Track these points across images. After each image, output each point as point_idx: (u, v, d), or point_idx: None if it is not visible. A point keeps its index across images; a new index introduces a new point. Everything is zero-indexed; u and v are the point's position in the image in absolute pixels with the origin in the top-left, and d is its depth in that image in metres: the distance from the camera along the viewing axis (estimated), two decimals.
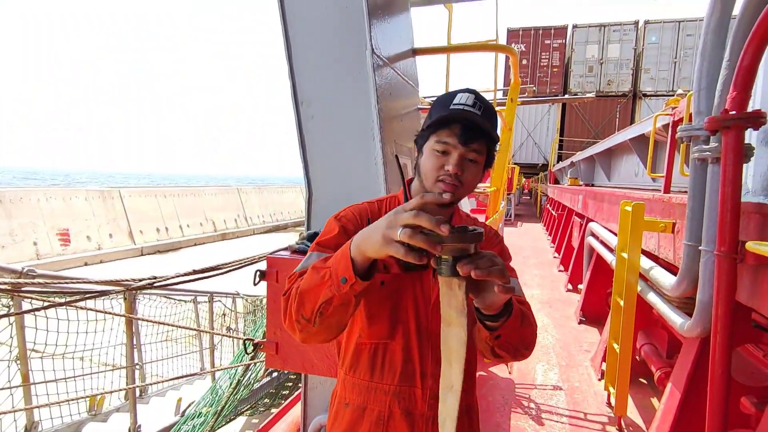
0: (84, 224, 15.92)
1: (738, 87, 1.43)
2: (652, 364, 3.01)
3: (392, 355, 1.01)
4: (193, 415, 3.10)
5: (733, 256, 1.46)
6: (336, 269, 0.83)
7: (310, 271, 0.88)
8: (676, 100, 2.88)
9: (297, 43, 1.73)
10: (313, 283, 0.86)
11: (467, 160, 0.96)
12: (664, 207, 2.48)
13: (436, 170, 0.96)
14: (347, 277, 0.81)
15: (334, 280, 0.83)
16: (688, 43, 16.89)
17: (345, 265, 0.82)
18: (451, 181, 0.96)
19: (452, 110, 0.94)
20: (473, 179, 0.99)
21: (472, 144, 0.95)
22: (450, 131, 0.95)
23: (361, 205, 1.08)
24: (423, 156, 1.00)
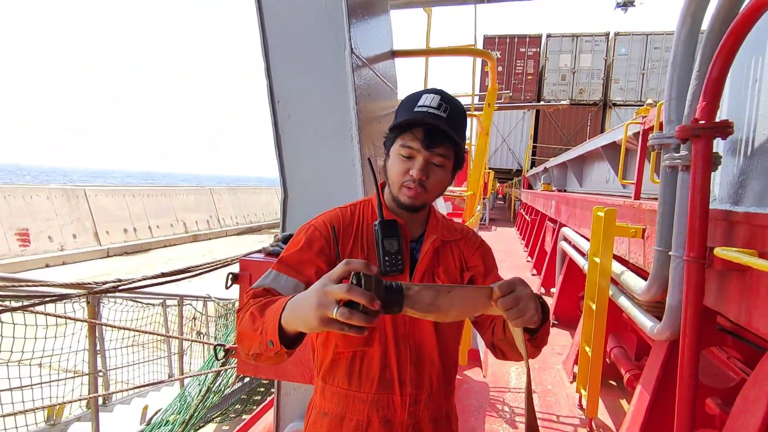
0: (46, 224, 15.24)
1: (707, 97, 1.47)
2: (621, 366, 3.08)
3: (370, 363, 0.98)
4: (160, 423, 2.98)
5: (702, 261, 1.50)
6: (266, 329, 0.79)
7: (248, 316, 0.83)
8: (647, 109, 2.97)
9: (274, 40, 1.68)
10: (248, 331, 0.83)
11: (432, 164, 0.95)
12: (634, 213, 2.54)
13: (401, 175, 0.95)
14: (273, 341, 0.77)
15: (263, 338, 0.79)
16: (654, 56, 17.58)
17: (273, 329, 0.77)
18: (415, 187, 0.94)
19: (415, 113, 0.92)
20: (439, 184, 0.98)
21: (436, 148, 0.93)
22: (413, 135, 0.93)
23: (333, 212, 1.05)
24: (389, 159, 0.99)
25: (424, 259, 1.01)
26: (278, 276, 0.95)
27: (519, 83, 18.81)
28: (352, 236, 1.01)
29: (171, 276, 1.71)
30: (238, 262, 1.49)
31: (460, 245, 1.09)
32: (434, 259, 1.03)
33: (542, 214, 7.77)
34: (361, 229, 1.03)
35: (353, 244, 1.01)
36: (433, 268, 1.03)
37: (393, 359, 0.98)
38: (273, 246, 1.55)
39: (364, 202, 1.09)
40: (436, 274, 1.02)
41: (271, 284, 0.94)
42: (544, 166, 9.73)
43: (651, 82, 17.54)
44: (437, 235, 1.04)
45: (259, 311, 0.83)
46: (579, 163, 6.58)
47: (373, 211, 1.04)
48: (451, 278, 1.03)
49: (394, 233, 0.98)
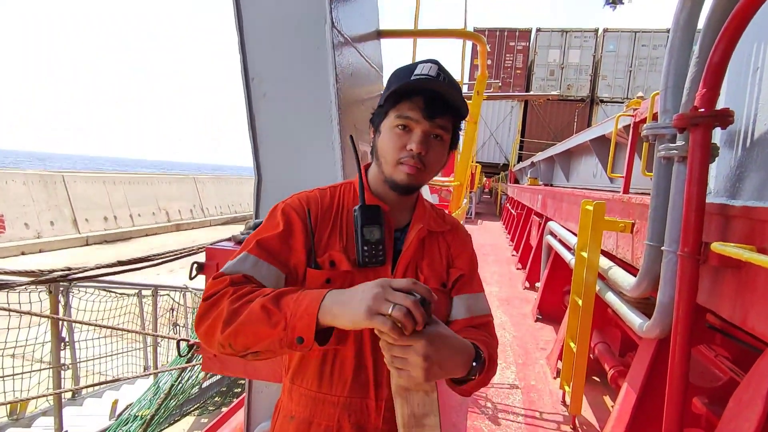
0: (21, 210, 14.75)
1: (707, 84, 1.39)
2: (605, 362, 3.05)
3: (343, 363, 0.88)
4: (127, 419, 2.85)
5: (697, 257, 1.43)
6: (294, 324, 0.70)
7: (259, 309, 0.73)
8: (638, 101, 2.91)
9: (249, 12, 1.55)
10: (259, 325, 0.72)
11: (432, 137, 0.85)
12: (623, 207, 2.48)
13: (397, 150, 0.85)
14: (305, 338, 0.70)
15: (290, 335, 0.70)
16: (642, 53, 17.70)
17: (307, 325, 0.70)
18: (414, 163, 0.84)
19: (414, 80, 0.82)
20: (438, 160, 0.88)
21: (438, 118, 0.83)
22: (412, 104, 0.83)
23: (310, 193, 0.94)
24: (380, 136, 0.88)
25: (408, 250, 0.91)
26: (258, 262, 0.83)
27: (508, 77, 18.79)
28: (330, 222, 0.91)
29: (129, 264, 1.58)
30: (204, 251, 1.38)
31: (448, 238, 0.99)
32: (419, 251, 0.94)
33: (528, 209, 7.75)
34: (340, 214, 0.92)
35: (331, 230, 0.90)
36: (417, 261, 0.93)
37: (369, 359, 0.88)
38: (243, 234, 1.43)
39: (345, 185, 0.98)
40: (420, 268, 0.93)
41: (250, 271, 0.82)
42: (531, 161, 9.71)
43: (638, 79, 17.68)
44: (424, 224, 0.94)
45: (273, 303, 0.73)
46: (566, 158, 6.56)
47: (355, 195, 0.93)
48: (435, 274, 0.94)
49: (376, 220, 0.87)
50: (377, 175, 0.92)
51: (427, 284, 0.91)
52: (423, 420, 0.73)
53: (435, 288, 0.93)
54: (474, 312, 0.96)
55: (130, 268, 1.57)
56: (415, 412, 0.74)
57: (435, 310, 0.91)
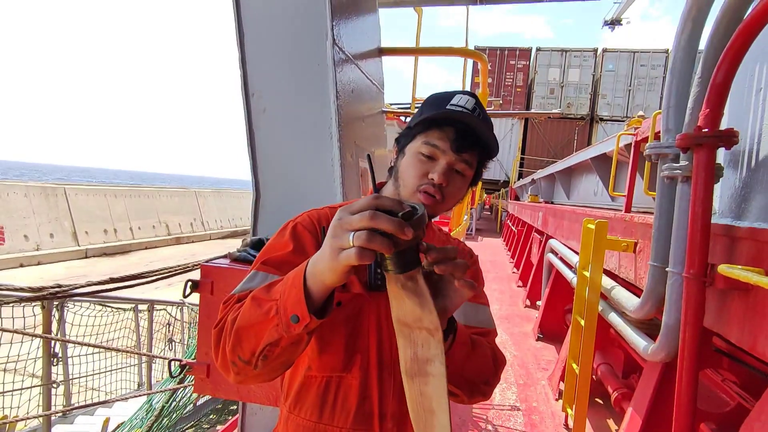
0: (21, 222, 14.74)
1: (711, 104, 1.38)
2: (608, 384, 2.98)
3: (347, 392, 0.83)
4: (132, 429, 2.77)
5: (702, 279, 1.40)
6: (285, 304, 0.64)
7: (250, 303, 0.68)
8: (639, 120, 2.90)
9: (250, 28, 1.55)
10: (254, 319, 0.67)
11: (454, 170, 0.83)
12: (626, 226, 2.46)
13: (419, 177, 0.82)
14: (299, 314, 0.63)
15: (282, 317, 0.64)
16: (641, 73, 17.90)
17: (296, 298, 0.63)
18: (434, 192, 0.81)
19: (448, 110, 0.81)
20: (456, 194, 0.86)
21: (465, 153, 0.82)
22: (443, 134, 0.81)
23: (321, 211, 0.90)
24: (404, 158, 0.86)
25: None
26: (267, 277, 0.78)
27: (508, 95, 18.97)
28: None
29: (121, 282, 1.54)
30: (199, 269, 1.35)
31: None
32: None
33: (529, 226, 7.72)
34: None
35: None
36: None
37: (374, 389, 0.83)
38: (240, 251, 1.40)
39: None
40: None
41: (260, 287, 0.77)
42: (531, 178, 9.72)
43: (637, 98, 17.84)
44: None
45: (264, 293, 0.68)
46: (567, 175, 6.55)
47: None
48: None
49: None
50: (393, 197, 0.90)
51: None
52: (426, 366, 0.63)
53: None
54: (470, 321, 0.91)
55: (122, 285, 1.54)
56: (418, 354, 0.64)
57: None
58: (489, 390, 0.86)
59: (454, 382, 0.77)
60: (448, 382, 0.66)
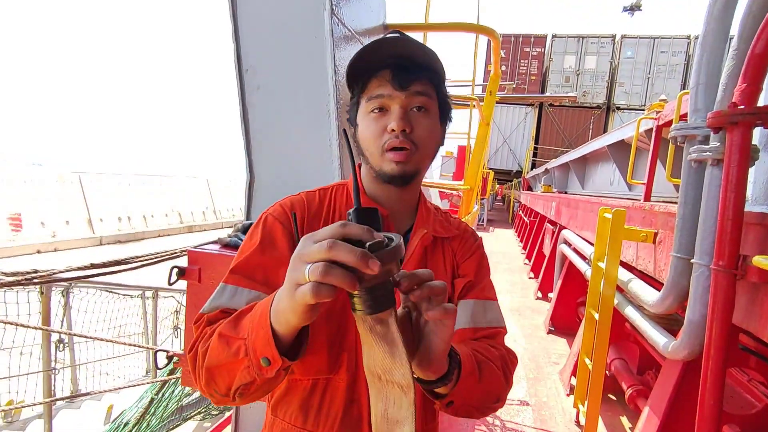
0: (38, 209, 14.98)
1: (748, 78, 1.25)
2: (622, 380, 2.87)
3: (333, 394, 0.74)
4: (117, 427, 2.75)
5: (733, 272, 1.28)
6: (253, 345, 0.56)
7: (217, 341, 0.61)
8: (661, 104, 2.74)
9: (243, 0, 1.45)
10: (223, 359, 0.60)
11: (414, 109, 0.72)
12: (645, 215, 2.32)
13: (379, 136, 0.71)
14: (270, 357, 0.55)
15: (253, 359, 0.57)
16: (661, 60, 17.33)
17: (264, 339, 0.55)
18: (401, 144, 0.70)
19: (370, 48, 0.69)
20: (429, 136, 0.74)
21: (413, 85, 0.70)
22: (379, 79, 0.71)
23: (295, 197, 0.81)
24: (359, 128, 0.76)
25: (411, 259, 0.77)
26: (236, 291, 0.71)
27: (523, 83, 18.56)
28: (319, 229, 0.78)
29: (103, 267, 1.47)
30: (186, 254, 1.27)
31: (454, 245, 0.85)
32: (422, 260, 0.80)
33: (542, 216, 7.55)
34: (331, 219, 0.79)
35: None
36: None
37: (363, 392, 0.74)
38: (231, 236, 1.32)
39: (337, 186, 0.85)
40: None
41: (228, 303, 0.70)
42: (545, 167, 9.50)
43: (656, 86, 17.30)
44: (428, 229, 0.81)
45: (232, 329, 0.61)
46: (582, 164, 6.36)
47: (349, 198, 0.81)
48: None
49: (373, 225, 0.74)
50: (369, 174, 0.79)
51: None
52: (396, 428, 0.55)
53: None
54: (479, 322, 0.81)
55: (102, 272, 1.47)
56: (388, 413, 0.56)
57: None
58: (500, 405, 0.76)
59: (461, 413, 0.69)
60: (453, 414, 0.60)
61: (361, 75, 0.73)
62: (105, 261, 1.48)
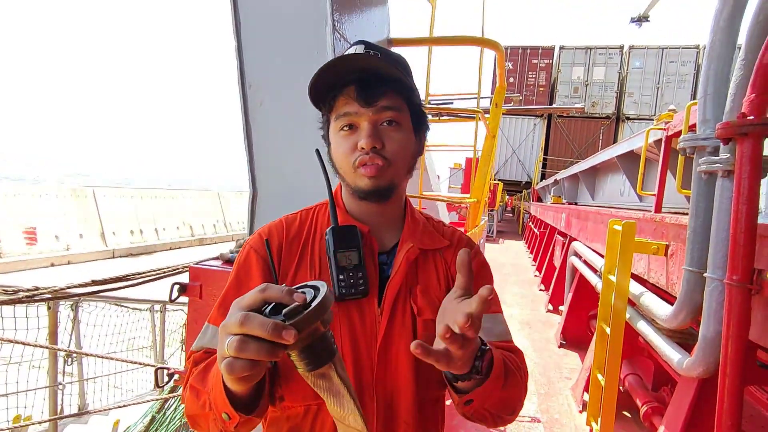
0: (53, 223, 15.25)
1: (757, 89, 1.22)
2: (637, 397, 2.78)
3: (324, 420, 0.72)
4: None
5: (748, 286, 1.24)
6: (214, 401, 0.58)
7: (189, 392, 0.64)
8: (670, 114, 2.71)
9: (247, 15, 1.47)
10: (195, 410, 0.63)
11: (383, 124, 0.71)
12: (656, 227, 2.28)
13: (350, 153, 0.71)
14: (228, 413, 0.57)
15: (216, 413, 0.59)
16: (670, 70, 17.24)
17: (221, 398, 0.56)
18: (371, 161, 0.69)
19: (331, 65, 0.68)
20: (402, 149, 0.73)
21: (380, 100, 0.69)
22: (346, 97, 0.70)
23: (274, 222, 0.81)
24: (332, 146, 0.75)
25: (396, 276, 0.75)
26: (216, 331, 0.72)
27: (531, 95, 18.55)
28: (298, 252, 0.76)
29: (104, 284, 1.48)
30: (188, 271, 1.26)
31: (447, 256, 0.82)
32: (411, 275, 0.77)
33: (552, 228, 7.47)
34: (312, 240, 0.78)
35: (299, 262, 0.75)
36: (410, 287, 0.76)
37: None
38: (233, 252, 1.32)
39: (319, 207, 0.84)
40: (413, 296, 0.76)
41: (210, 344, 0.71)
42: (554, 178, 9.43)
43: (666, 96, 17.18)
44: (414, 242, 0.78)
45: (200, 382, 0.63)
46: (591, 175, 6.30)
47: (329, 217, 0.79)
48: (430, 302, 0.76)
49: (351, 243, 0.73)
50: (347, 191, 0.78)
51: (421, 316, 0.76)
52: None
53: (431, 320, 0.76)
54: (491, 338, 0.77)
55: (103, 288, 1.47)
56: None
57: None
58: (513, 418, 0.74)
59: (476, 417, 0.67)
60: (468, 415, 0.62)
61: (327, 92, 0.72)
62: (106, 278, 1.49)
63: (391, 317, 0.73)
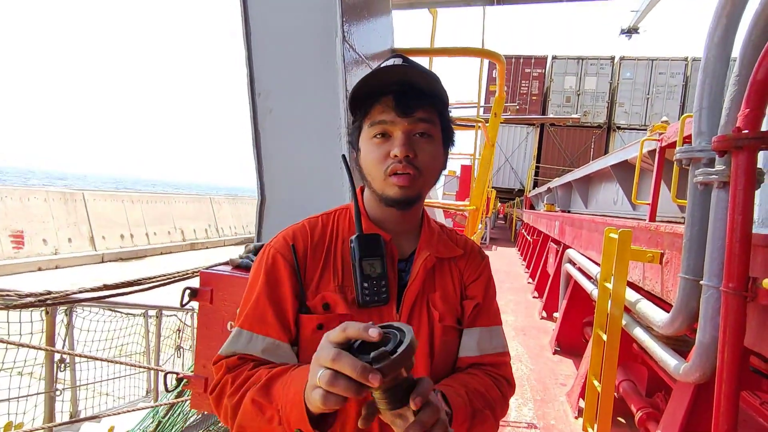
0: (41, 227, 15.03)
1: (751, 104, 1.27)
2: (631, 403, 2.82)
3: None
4: None
5: (743, 294, 1.28)
6: (288, 418, 0.61)
7: (251, 406, 0.65)
8: (663, 126, 2.77)
9: (257, 25, 1.50)
10: (256, 424, 0.65)
11: (417, 135, 0.73)
12: (651, 236, 2.33)
13: (382, 161, 0.73)
14: (303, 429, 0.60)
15: (286, 429, 0.62)
16: (660, 81, 17.57)
17: (299, 416, 0.59)
18: (404, 170, 0.71)
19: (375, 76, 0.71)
20: (432, 161, 0.75)
21: (416, 112, 0.72)
22: (383, 106, 0.72)
23: (297, 225, 0.83)
24: (361, 153, 0.77)
25: (414, 283, 0.78)
26: (252, 338, 0.73)
27: (524, 103, 18.78)
28: (322, 257, 0.78)
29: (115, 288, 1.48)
30: (199, 275, 1.28)
31: (461, 264, 0.85)
32: (428, 282, 0.80)
33: (545, 235, 7.54)
34: (334, 246, 0.80)
35: (323, 267, 0.77)
36: (428, 295, 0.79)
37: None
38: (243, 257, 1.33)
39: (340, 211, 0.86)
40: (432, 302, 0.79)
41: (245, 350, 0.73)
42: (547, 186, 9.54)
43: (656, 106, 17.50)
44: (431, 251, 0.81)
45: (263, 395, 0.65)
46: (585, 184, 6.39)
47: (351, 223, 0.81)
48: (451, 308, 0.80)
49: (376, 251, 0.75)
50: (372, 198, 0.80)
51: (443, 322, 0.79)
52: None
53: (451, 326, 0.80)
54: (485, 350, 0.83)
55: (115, 293, 1.47)
56: None
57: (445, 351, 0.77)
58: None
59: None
60: None
61: (364, 100, 0.75)
62: (118, 282, 1.49)
63: (408, 322, 0.76)
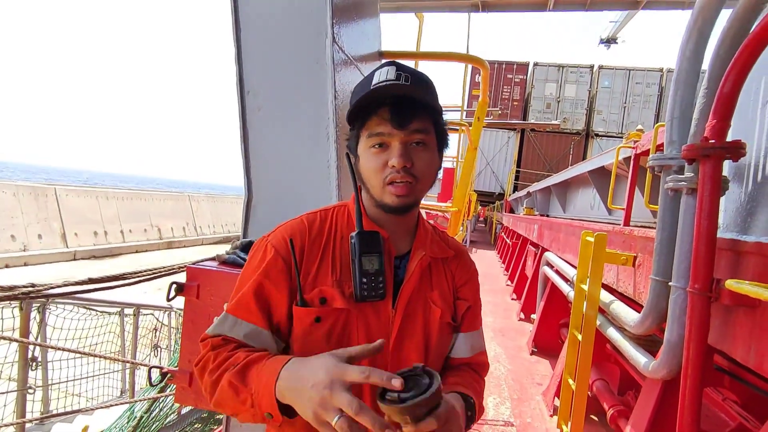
0: (9, 222, 14.50)
1: (718, 115, 1.35)
2: (604, 401, 2.92)
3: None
4: None
5: (708, 294, 1.36)
6: (259, 401, 0.66)
7: (227, 386, 0.69)
8: (638, 134, 2.89)
9: (247, 24, 1.51)
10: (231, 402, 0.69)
11: (413, 145, 0.77)
12: (624, 239, 2.42)
13: (380, 171, 0.76)
14: (273, 414, 0.65)
15: (258, 411, 0.66)
16: (636, 90, 18.14)
17: (269, 402, 0.64)
18: (402, 179, 0.75)
19: (371, 91, 0.74)
20: (428, 168, 0.79)
21: (412, 124, 0.75)
22: (380, 118, 0.75)
23: (295, 221, 0.85)
24: (360, 161, 0.80)
25: (410, 281, 0.82)
26: (237, 322, 0.76)
27: (505, 108, 19.10)
28: (320, 252, 0.81)
29: (101, 282, 1.46)
30: (185, 271, 1.28)
31: (452, 266, 0.90)
32: (424, 280, 0.85)
33: (524, 238, 7.69)
34: (332, 242, 0.82)
35: (321, 262, 0.80)
36: (425, 293, 0.84)
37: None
38: (229, 253, 1.34)
39: (338, 208, 0.89)
40: (431, 299, 0.84)
41: (229, 333, 0.76)
42: (527, 191, 9.73)
43: (632, 115, 18.04)
44: (426, 251, 0.85)
45: (239, 378, 0.68)
46: (563, 188, 6.55)
47: (350, 220, 0.84)
48: (448, 306, 0.85)
49: (375, 248, 0.78)
50: (370, 199, 0.83)
51: (442, 320, 0.83)
52: None
53: (448, 323, 0.85)
54: (474, 350, 0.91)
55: (101, 287, 1.46)
56: None
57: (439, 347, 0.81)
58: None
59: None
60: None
61: (360, 111, 0.78)
62: (103, 276, 1.47)
63: (404, 318, 0.80)
